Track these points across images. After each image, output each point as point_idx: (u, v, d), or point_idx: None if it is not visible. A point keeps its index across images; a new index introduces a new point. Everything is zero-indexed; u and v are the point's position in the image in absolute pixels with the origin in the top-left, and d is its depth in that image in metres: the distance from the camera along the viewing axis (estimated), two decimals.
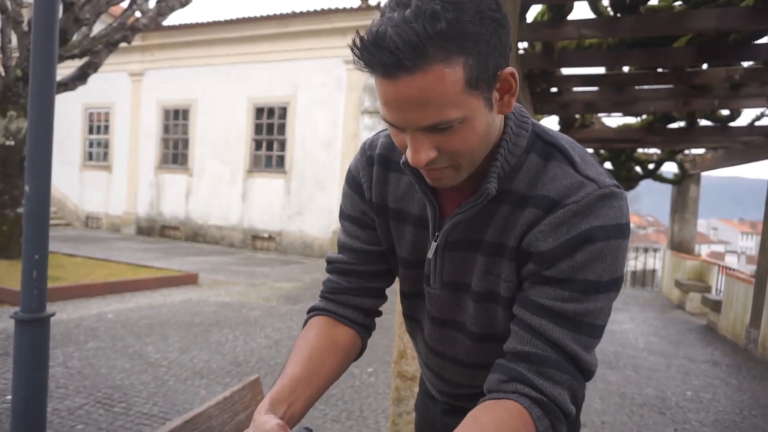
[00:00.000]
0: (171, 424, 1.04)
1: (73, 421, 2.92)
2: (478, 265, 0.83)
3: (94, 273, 7.08)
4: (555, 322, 0.74)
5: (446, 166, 0.73)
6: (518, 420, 0.71)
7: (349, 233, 0.97)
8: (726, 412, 3.93)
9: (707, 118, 7.26)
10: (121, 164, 14.46)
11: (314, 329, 0.92)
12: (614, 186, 0.75)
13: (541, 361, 0.74)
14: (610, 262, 0.74)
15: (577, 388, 0.75)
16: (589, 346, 0.76)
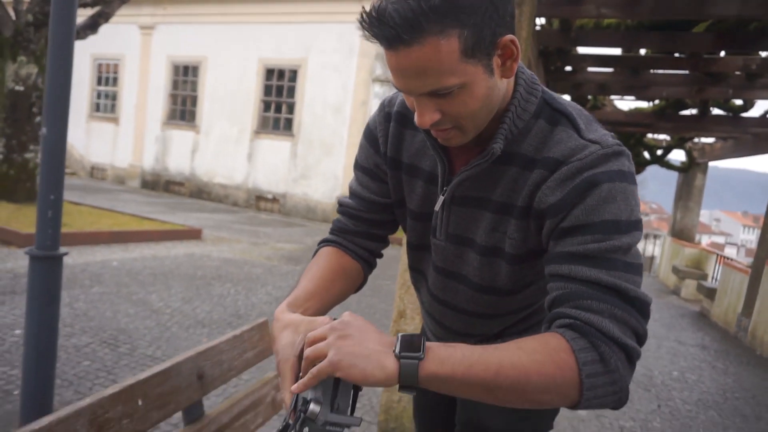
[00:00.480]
0: (186, 353, 1.12)
1: (80, 357, 3.03)
2: (484, 221, 0.88)
3: (99, 222, 7.17)
4: (584, 264, 0.73)
5: (451, 128, 0.78)
6: (552, 337, 0.70)
7: (361, 182, 1.04)
8: (710, 393, 4.05)
9: (720, 107, 7.21)
10: (128, 117, 14.42)
11: (325, 256, 0.99)
12: (617, 145, 0.79)
13: (574, 296, 0.72)
14: (621, 203, 0.74)
15: (626, 318, 0.70)
16: (632, 281, 0.72)
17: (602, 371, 0.67)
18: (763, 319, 5.60)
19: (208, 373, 1.17)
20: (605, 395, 0.68)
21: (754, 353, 5.53)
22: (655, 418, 3.41)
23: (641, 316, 0.72)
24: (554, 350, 0.68)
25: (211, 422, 1.19)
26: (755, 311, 5.82)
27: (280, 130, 12.64)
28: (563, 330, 0.70)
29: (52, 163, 2.05)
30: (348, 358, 0.65)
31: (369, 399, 3.07)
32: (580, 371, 0.67)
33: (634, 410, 3.49)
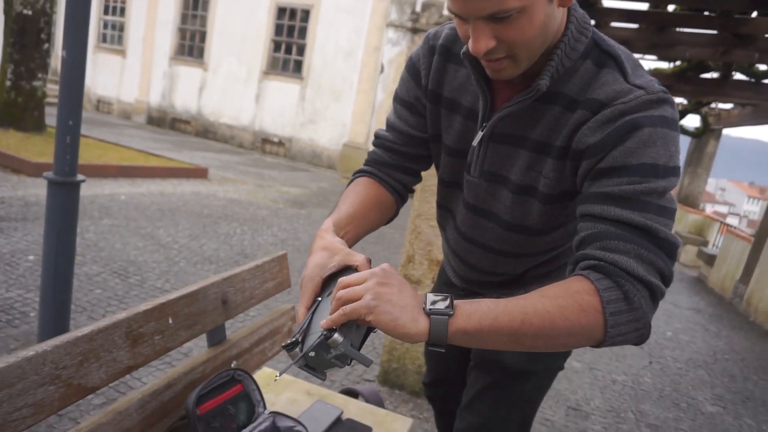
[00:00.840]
0: (212, 278, 1.15)
1: (92, 285, 3.11)
2: (521, 160, 0.89)
3: (106, 155, 7.16)
4: (617, 204, 0.73)
5: (504, 57, 0.77)
6: (575, 280, 0.71)
7: (399, 115, 1.03)
8: (700, 353, 4.16)
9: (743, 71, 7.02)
10: (135, 50, 14.11)
11: (362, 185, 1.00)
12: (662, 92, 0.78)
13: (601, 236, 0.73)
14: (661, 148, 0.74)
15: (651, 258, 0.71)
16: (663, 223, 0.72)
17: (626, 309, 0.68)
18: (760, 286, 5.68)
19: (232, 299, 1.21)
20: (628, 332, 0.70)
21: (747, 319, 5.64)
22: (646, 374, 3.52)
23: (668, 258, 0.72)
24: (577, 293, 0.69)
25: (232, 346, 1.23)
26: (753, 279, 5.90)
27: (289, 72, 12.39)
28: (588, 272, 0.71)
29: (71, 87, 2.04)
30: (384, 306, 0.66)
31: (371, 340, 3.16)
32: (604, 310, 0.68)
33: (627, 365, 3.60)
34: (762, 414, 3.22)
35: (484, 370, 1.17)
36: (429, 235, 2.54)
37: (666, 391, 3.29)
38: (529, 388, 1.15)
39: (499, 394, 1.15)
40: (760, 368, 4.07)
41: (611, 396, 3.07)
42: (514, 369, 1.12)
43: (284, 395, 1.39)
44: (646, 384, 3.35)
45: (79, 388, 0.83)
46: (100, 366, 0.86)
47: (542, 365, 1.13)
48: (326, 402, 1.37)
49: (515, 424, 1.17)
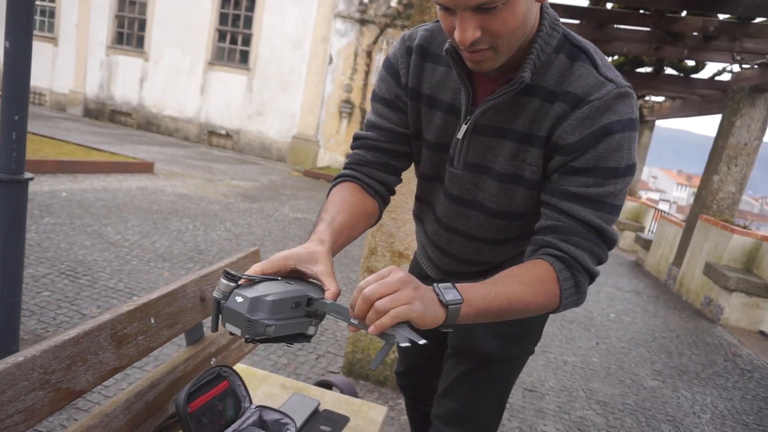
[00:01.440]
0: (189, 276, 1.15)
1: (39, 288, 2.97)
2: (504, 150, 0.94)
3: (42, 150, 6.79)
4: (581, 204, 0.88)
5: (487, 48, 0.82)
6: (542, 269, 0.87)
7: (380, 114, 1.06)
8: (641, 332, 4.44)
9: (673, 66, 7.46)
10: (68, 38, 13.34)
11: (348, 191, 1.02)
12: (628, 87, 0.88)
13: (566, 231, 0.88)
14: (626, 151, 0.86)
15: (599, 253, 0.90)
16: (610, 221, 0.89)
17: (574, 293, 0.89)
18: (691, 268, 6.10)
19: (210, 296, 1.21)
20: (571, 305, 0.91)
21: (680, 299, 6.05)
22: (594, 354, 3.73)
23: (608, 249, 0.92)
24: (546, 283, 0.86)
25: (210, 344, 1.23)
26: (684, 262, 6.32)
27: (235, 62, 12.10)
28: (553, 260, 0.88)
29: (15, 79, 1.94)
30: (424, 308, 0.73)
31: (333, 333, 3.19)
32: (561, 296, 0.88)
33: (576, 347, 3.80)
34: (696, 386, 3.48)
35: (461, 357, 1.23)
36: (391, 228, 2.59)
37: (612, 369, 3.50)
38: (504, 373, 1.22)
39: (476, 380, 1.21)
40: (693, 344, 4.39)
41: (563, 376, 3.24)
42: (490, 356, 1.18)
43: (261, 389, 1.40)
44: (594, 363, 3.55)
45: (68, 391, 0.82)
46: (87, 369, 0.85)
47: (517, 351, 1.20)
48: (303, 394, 1.39)
49: (492, 408, 1.24)
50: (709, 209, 6.19)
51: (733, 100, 6.15)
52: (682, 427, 2.86)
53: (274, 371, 2.58)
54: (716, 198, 6.18)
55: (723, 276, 5.14)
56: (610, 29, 5.97)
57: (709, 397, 3.33)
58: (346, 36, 11.17)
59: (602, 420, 2.78)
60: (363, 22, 11.00)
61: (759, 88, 5.88)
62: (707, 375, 3.73)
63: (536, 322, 1.21)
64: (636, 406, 3.02)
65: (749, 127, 5.98)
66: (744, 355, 4.32)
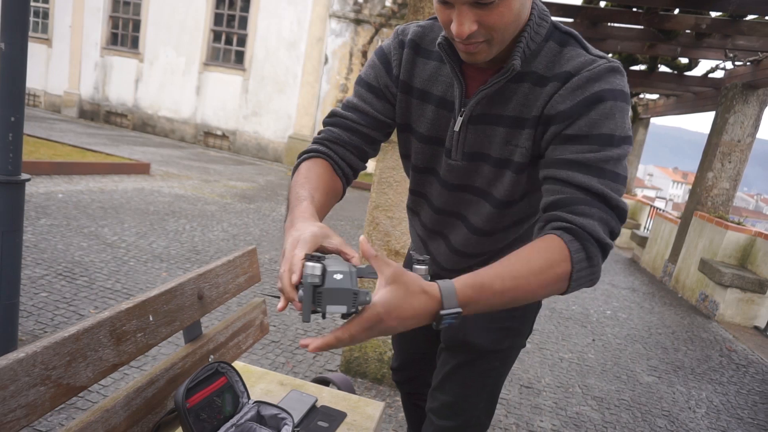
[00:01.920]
0: (187, 275, 1.16)
1: (36, 289, 2.97)
2: (498, 136, 0.96)
3: (37, 151, 6.78)
4: (580, 171, 0.84)
5: (482, 41, 0.84)
6: (551, 243, 0.81)
7: (364, 99, 1.06)
8: (637, 329, 4.47)
9: (667, 64, 7.49)
10: (62, 39, 13.31)
11: (322, 168, 0.99)
12: (618, 63, 0.89)
13: (570, 202, 0.84)
14: (618, 120, 0.85)
15: (608, 221, 0.83)
16: (615, 189, 0.84)
17: (587, 266, 0.82)
18: (686, 265, 6.14)
19: (207, 294, 1.22)
20: (585, 283, 0.83)
21: (676, 295, 6.08)
22: (590, 351, 3.75)
23: (620, 221, 0.85)
24: (556, 263, 0.79)
25: (209, 341, 1.25)
26: (680, 258, 6.36)
27: (231, 63, 12.10)
28: (561, 233, 0.82)
29: (12, 80, 1.94)
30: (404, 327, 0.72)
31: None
32: (571, 272, 0.80)
33: (572, 344, 3.82)
34: (691, 381, 3.51)
35: (453, 351, 1.24)
36: (387, 226, 2.61)
37: (608, 366, 3.53)
38: (496, 365, 1.23)
39: (469, 373, 1.22)
40: (688, 339, 4.42)
41: (560, 373, 3.26)
42: (482, 349, 1.20)
43: (259, 386, 1.41)
44: (590, 360, 3.57)
45: (69, 387, 0.83)
46: (87, 365, 0.87)
47: (508, 343, 1.21)
48: (300, 391, 1.41)
49: (485, 400, 1.26)
50: (703, 206, 6.22)
51: (726, 97, 6.19)
52: (678, 422, 2.88)
53: (273, 369, 2.60)
54: (711, 194, 6.22)
55: (718, 272, 5.18)
56: (603, 27, 5.99)
57: (705, 392, 3.36)
58: (341, 36, 11.17)
59: (598, 416, 2.80)
60: (358, 22, 11.00)
61: (751, 85, 5.92)
62: (702, 370, 3.75)
63: (528, 316, 1.23)
64: (632, 401, 3.05)
65: (742, 123, 6.01)
66: (739, 351, 4.35)
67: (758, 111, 6.01)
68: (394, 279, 0.70)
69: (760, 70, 5.66)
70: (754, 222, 24.92)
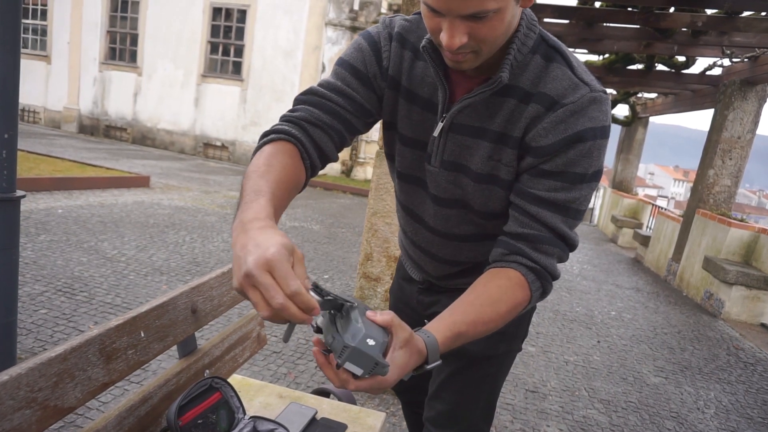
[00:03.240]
0: (180, 289, 1.14)
1: (36, 306, 2.95)
2: (481, 150, 0.94)
3: (37, 168, 6.79)
4: (549, 209, 0.90)
5: (470, 52, 0.82)
6: (517, 285, 0.89)
7: (347, 82, 0.96)
8: (642, 329, 4.43)
9: (664, 63, 7.49)
10: (61, 55, 13.38)
11: (289, 157, 0.86)
12: (602, 91, 0.88)
13: (537, 240, 0.90)
14: (595, 158, 0.88)
15: (562, 257, 0.94)
16: (573, 226, 0.93)
17: (539, 296, 0.93)
18: (690, 263, 6.09)
19: (201, 307, 1.20)
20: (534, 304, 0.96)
21: (681, 294, 6.04)
22: (595, 352, 3.71)
23: (570, 252, 0.96)
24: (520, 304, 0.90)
25: (204, 355, 1.22)
26: (684, 257, 6.31)
27: (228, 74, 12.13)
28: (526, 271, 0.90)
29: (4, 97, 1.93)
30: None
31: None
32: (528, 303, 0.92)
33: (577, 345, 3.78)
34: (699, 381, 3.47)
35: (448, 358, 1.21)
36: (385, 233, 2.59)
37: (614, 367, 3.49)
38: (492, 371, 1.21)
39: (464, 380, 1.20)
40: (694, 339, 4.38)
41: (565, 376, 3.23)
42: (476, 355, 1.17)
43: (257, 399, 1.39)
44: (595, 362, 3.54)
45: (56, 409, 0.81)
46: (75, 385, 0.85)
47: (503, 348, 1.19)
48: (300, 403, 1.38)
49: (481, 407, 1.23)
50: (705, 203, 6.19)
51: (724, 94, 6.17)
52: (687, 423, 2.84)
53: (274, 380, 2.57)
54: (712, 192, 6.19)
55: (722, 270, 5.14)
56: (599, 28, 5.99)
57: (713, 392, 3.32)
58: (337, 44, 11.20)
59: (605, 419, 2.76)
60: (354, 29, 11.04)
61: (750, 81, 5.90)
62: (710, 370, 3.71)
63: (523, 320, 1.21)
64: (639, 403, 3.01)
65: (742, 120, 5.99)
66: (746, 349, 4.31)
67: (757, 107, 5.98)
68: (407, 342, 0.75)
69: (757, 66, 5.65)
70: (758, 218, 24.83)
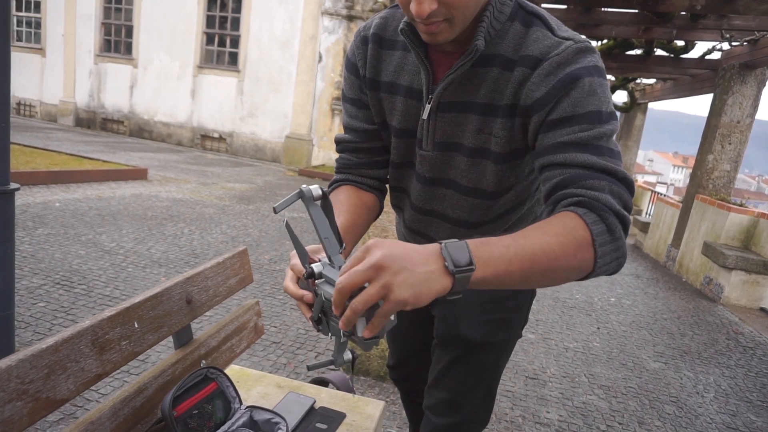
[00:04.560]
0: (174, 279, 1.13)
1: (34, 299, 2.95)
2: (470, 124, 0.92)
3: (34, 161, 6.77)
4: (578, 150, 0.79)
5: (442, 20, 0.80)
6: (566, 217, 0.74)
7: (351, 114, 1.08)
8: (642, 315, 4.43)
9: (663, 48, 7.43)
10: (55, 48, 13.28)
11: (343, 193, 1.04)
12: (588, 42, 0.85)
13: (575, 179, 0.78)
14: (601, 95, 0.81)
15: (621, 193, 0.77)
16: (615, 163, 0.79)
17: (610, 240, 0.74)
18: (690, 249, 6.09)
19: (196, 298, 1.19)
20: (611, 262, 0.75)
21: (680, 280, 6.04)
22: (595, 339, 3.72)
23: (630, 193, 0.79)
24: (573, 229, 0.72)
25: (200, 346, 1.22)
26: (683, 242, 6.31)
27: (224, 65, 12.05)
28: (574, 207, 0.75)
29: None
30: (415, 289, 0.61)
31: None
32: (594, 244, 0.72)
33: (577, 332, 3.79)
34: (698, 365, 3.48)
35: (447, 346, 1.21)
36: (383, 222, 2.58)
37: (614, 353, 3.50)
38: (492, 358, 1.20)
39: (464, 368, 1.19)
40: (694, 324, 4.38)
41: (565, 363, 3.23)
42: (476, 342, 1.16)
43: (255, 390, 1.38)
44: (595, 348, 3.54)
45: (48, 401, 0.80)
46: (68, 377, 0.84)
47: (502, 335, 1.18)
48: (298, 393, 1.38)
49: (482, 394, 1.22)
50: (704, 189, 6.17)
51: (723, 78, 6.13)
52: (686, 408, 2.85)
53: (274, 371, 2.57)
54: (711, 177, 6.17)
55: (721, 255, 5.13)
56: (597, 13, 5.94)
57: (712, 376, 3.33)
58: (334, 33, 11.12)
59: (605, 404, 2.77)
60: (350, 18, 10.94)
61: (749, 65, 5.85)
62: (709, 354, 3.72)
63: (522, 306, 1.20)
64: (639, 388, 3.02)
65: (741, 104, 5.96)
66: (746, 333, 4.32)
67: (756, 91, 5.95)
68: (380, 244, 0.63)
69: (757, 50, 5.61)
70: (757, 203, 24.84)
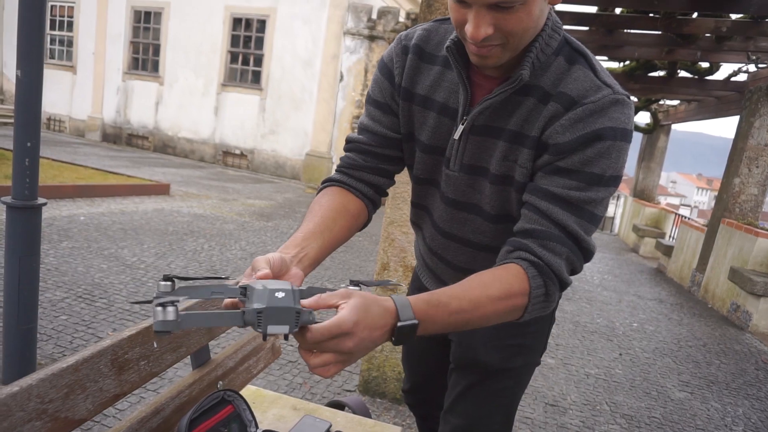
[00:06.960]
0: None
1: (57, 312, 2.99)
2: (497, 150, 0.92)
3: (61, 175, 6.92)
4: (561, 207, 0.84)
5: (496, 44, 0.80)
6: (514, 276, 0.82)
7: (373, 117, 1.05)
8: (665, 342, 4.32)
9: (687, 69, 7.35)
10: (85, 65, 13.68)
11: (328, 195, 1.01)
12: (626, 95, 0.85)
13: (544, 236, 0.84)
14: (614, 160, 0.83)
15: (574, 262, 0.86)
16: (589, 230, 0.86)
17: (543, 301, 0.84)
18: (716, 274, 5.94)
19: None
20: (538, 314, 0.86)
21: (705, 306, 5.88)
22: (617, 365, 3.63)
23: (585, 260, 0.88)
24: (515, 295, 0.81)
25: (217, 366, 1.21)
26: (708, 267, 6.16)
27: (248, 83, 12.26)
28: (527, 265, 0.83)
29: (28, 107, 1.96)
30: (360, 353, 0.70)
31: None
32: (527, 304, 0.82)
33: (598, 358, 3.70)
34: (726, 396, 3.36)
35: (464, 371, 1.19)
36: (402, 242, 2.56)
37: (637, 381, 3.40)
38: (509, 384, 1.17)
39: (481, 394, 1.17)
40: (721, 352, 4.25)
41: (586, 390, 3.15)
42: (493, 367, 1.14)
43: (271, 412, 1.37)
44: (617, 375, 3.45)
45: (66, 421, 0.80)
46: (87, 397, 0.84)
47: (521, 361, 1.15)
48: (314, 416, 1.36)
49: (498, 422, 1.19)
50: (731, 213, 6.04)
51: (750, 100, 6.03)
52: None
53: (290, 391, 2.55)
54: (738, 201, 6.03)
55: (750, 281, 4.99)
56: (620, 34, 5.91)
57: (741, 408, 3.21)
58: (356, 53, 11.26)
59: None
60: (372, 39, 11.08)
61: None
62: (738, 385, 3.59)
63: (541, 332, 1.17)
64: (663, 419, 2.92)
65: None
66: None
67: None
68: (348, 294, 0.69)
69: None
70: None
